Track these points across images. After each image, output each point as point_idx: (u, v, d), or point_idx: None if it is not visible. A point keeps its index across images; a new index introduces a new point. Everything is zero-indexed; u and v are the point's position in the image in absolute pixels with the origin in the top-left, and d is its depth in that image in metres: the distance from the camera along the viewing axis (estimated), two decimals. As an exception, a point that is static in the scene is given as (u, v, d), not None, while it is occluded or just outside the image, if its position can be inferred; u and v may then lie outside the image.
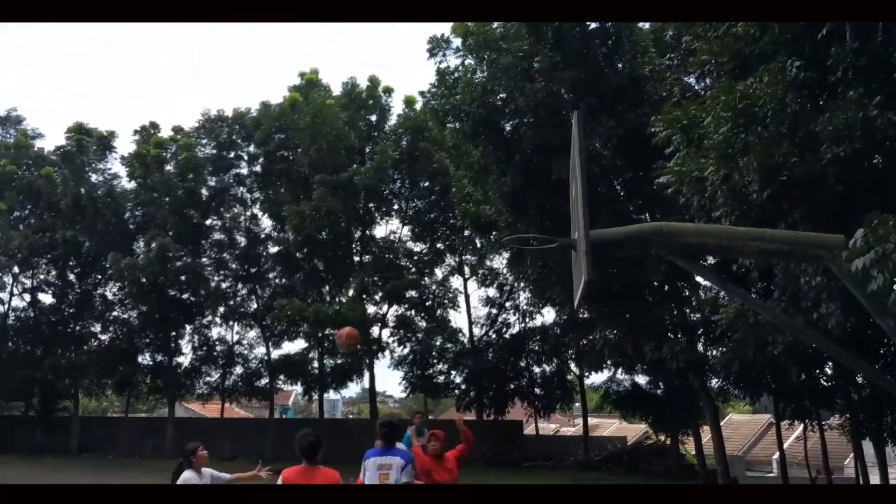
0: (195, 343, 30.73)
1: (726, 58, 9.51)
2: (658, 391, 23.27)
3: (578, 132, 7.06)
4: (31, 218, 31.25)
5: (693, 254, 7.90)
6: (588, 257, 6.49)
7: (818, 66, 8.06)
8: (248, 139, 29.96)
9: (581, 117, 7.27)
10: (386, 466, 5.79)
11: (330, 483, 4.96)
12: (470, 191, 19.19)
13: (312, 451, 5.14)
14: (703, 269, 10.37)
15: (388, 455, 5.88)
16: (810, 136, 8.18)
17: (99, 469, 22.83)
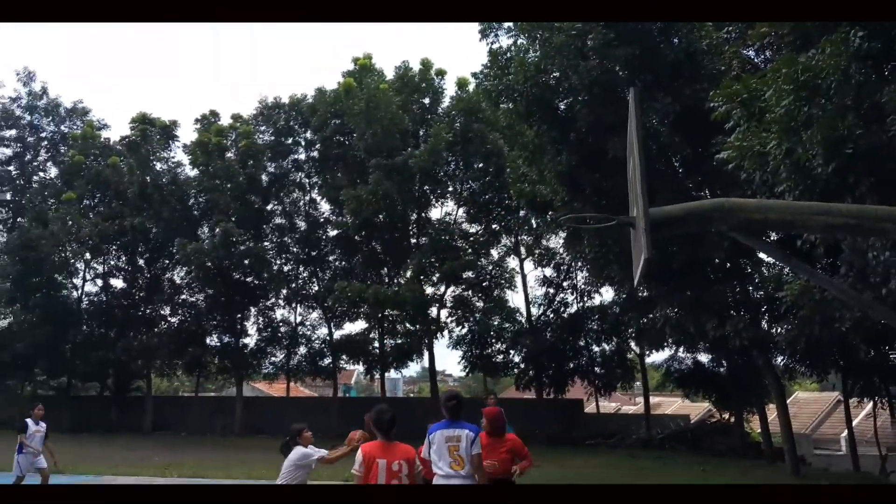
0: (260, 324, 31.71)
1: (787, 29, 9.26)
2: (721, 369, 22.91)
3: (635, 109, 7.01)
4: (100, 206, 32.52)
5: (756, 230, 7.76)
6: (647, 235, 6.46)
7: (883, 35, 7.79)
8: (304, 125, 30.46)
9: (637, 94, 7.20)
10: (455, 438, 5.81)
11: (408, 458, 5.08)
12: (525, 171, 19.10)
13: (391, 427, 5.27)
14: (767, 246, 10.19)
15: (455, 427, 5.88)
16: (875, 107, 7.93)
17: (172, 446, 23.69)
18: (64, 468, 15.23)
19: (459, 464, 5.68)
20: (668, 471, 17.20)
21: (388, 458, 4.97)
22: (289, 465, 7.05)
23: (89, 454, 19.91)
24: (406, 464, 4.98)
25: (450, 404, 6.02)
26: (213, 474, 15.73)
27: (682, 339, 19.81)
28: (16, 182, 35.84)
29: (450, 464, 5.72)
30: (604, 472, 16.56)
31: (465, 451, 5.73)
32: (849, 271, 9.94)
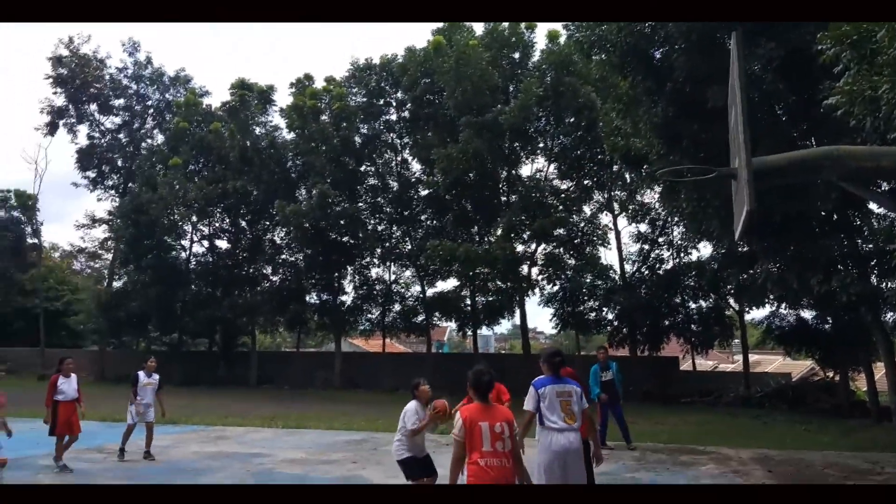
0: (356, 283, 32.81)
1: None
2: (826, 326, 21.98)
3: (737, 54, 6.80)
4: (204, 170, 34.06)
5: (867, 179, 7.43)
6: (750, 186, 6.33)
7: None
8: (395, 85, 30.68)
9: (739, 38, 6.96)
10: (566, 393, 5.95)
11: (509, 419, 4.98)
12: (618, 124, 18.65)
13: (489, 390, 5.18)
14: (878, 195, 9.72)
15: (564, 383, 6.03)
16: None
17: (276, 399, 24.93)
18: (177, 419, 16.45)
19: (572, 418, 5.84)
20: (768, 430, 16.86)
21: (490, 420, 4.90)
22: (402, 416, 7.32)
23: (200, 406, 21.14)
24: (507, 426, 4.90)
25: (555, 360, 6.12)
26: (316, 425, 16.51)
27: (784, 295, 19.08)
28: (126, 149, 37.92)
29: (563, 417, 5.86)
30: (700, 430, 16.38)
31: (576, 407, 5.91)
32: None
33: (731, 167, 7.08)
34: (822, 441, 14.70)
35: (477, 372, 5.24)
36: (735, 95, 6.94)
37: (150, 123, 38.67)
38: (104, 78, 37.42)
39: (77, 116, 37.63)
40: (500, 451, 4.80)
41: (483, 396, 5.12)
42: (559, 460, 5.72)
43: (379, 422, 16.76)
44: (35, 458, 10.81)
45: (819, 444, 14.06)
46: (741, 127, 6.56)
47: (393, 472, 10.30)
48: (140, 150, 37.70)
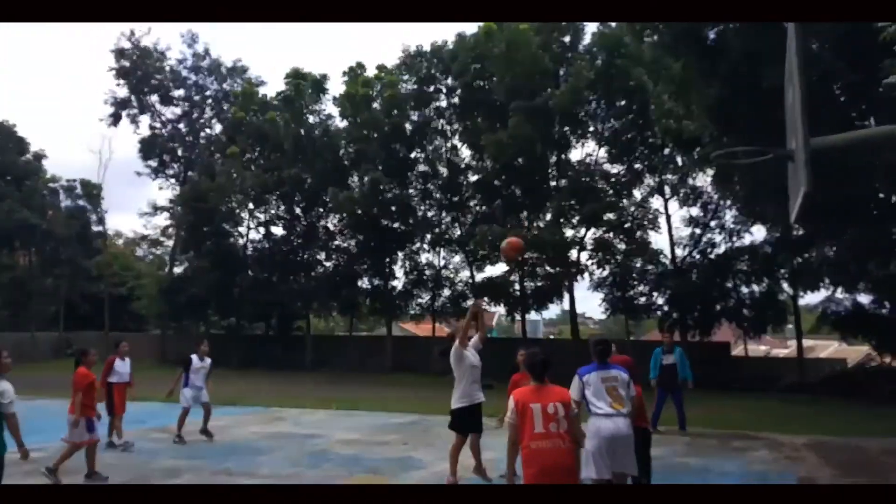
0: (407, 268, 33.24)
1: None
2: (883, 311, 21.56)
3: (795, 33, 6.82)
4: (259, 159, 34.75)
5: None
6: (808, 167, 6.34)
7: None
8: (445, 72, 30.74)
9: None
10: (612, 379, 5.99)
11: (564, 399, 4.97)
12: (670, 106, 18.56)
13: (543, 370, 5.15)
14: (941, 175, 9.59)
15: (610, 369, 6.08)
16: None
17: (331, 381, 25.47)
18: (236, 400, 17.09)
19: (620, 403, 5.87)
20: (823, 416, 16.59)
21: (543, 401, 4.85)
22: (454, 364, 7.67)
23: (258, 388, 21.89)
24: (562, 406, 4.84)
25: (598, 348, 6.19)
26: (369, 407, 16.91)
27: (840, 279, 18.86)
28: (185, 139, 39.01)
29: (609, 403, 5.87)
30: (753, 416, 16.28)
31: (624, 394, 5.94)
32: None
33: (787, 148, 7.11)
34: (878, 428, 14.49)
35: (531, 353, 5.34)
36: (792, 75, 6.96)
37: (209, 113, 39.55)
38: (164, 69, 38.39)
39: (139, 107, 38.67)
40: (553, 433, 4.74)
41: (538, 377, 5.12)
42: (608, 446, 5.71)
43: (430, 404, 16.96)
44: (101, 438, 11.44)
45: (875, 431, 13.86)
46: (799, 105, 6.58)
47: (443, 454, 10.65)
48: (199, 140, 38.73)
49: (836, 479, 9.16)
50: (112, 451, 10.38)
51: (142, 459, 9.89)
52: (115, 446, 10.58)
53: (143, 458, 10.03)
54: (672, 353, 13.11)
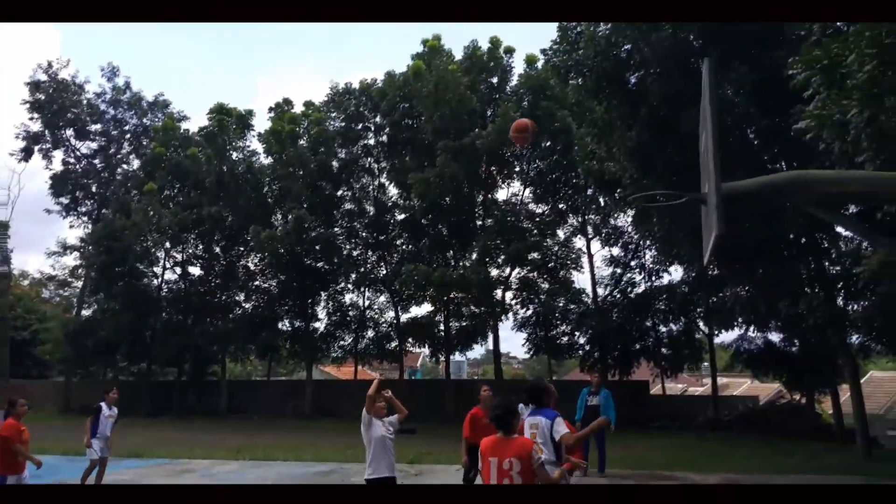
0: (330, 309, 32.60)
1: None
2: (793, 349, 22.41)
3: (709, 81, 7.02)
4: (179, 196, 33.78)
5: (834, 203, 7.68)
6: (719, 211, 6.49)
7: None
8: (374, 110, 30.75)
9: (711, 65, 7.20)
10: (534, 426, 5.99)
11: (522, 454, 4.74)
12: (593, 148, 18.97)
13: (501, 424, 4.93)
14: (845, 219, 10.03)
15: (536, 415, 6.04)
16: (965, 70, 7.66)
17: (246, 429, 24.54)
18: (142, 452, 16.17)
19: (539, 450, 5.75)
20: (735, 453, 17.00)
21: (500, 455, 4.72)
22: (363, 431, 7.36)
23: (167, 438, 20.77)
24: (518, 461, 4.66)
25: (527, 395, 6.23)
26: (284, 456, 16.22)
27: (752, 318, 19.47)
28: (101, 175, 37.58)
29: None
30: (670, 455, 16.48)
31: (541, 439, 5.86)
32: (933, 243, 9.68)
33: (701, 192, 7.26)
34: (788, 464, 14.87)
35: (494, 405, 5.17)
36: (706, 121, 7.17)
37: (127, 149, 38.35)
38: (82, 103, 37.16)
39: (53, 142, 37.23)
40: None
41: (501, 428, 4.94)
42: None
43: (348, 451, 16.28)
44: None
45: (785, 468, 14.21)
46: (711, 152, 6.76)
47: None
48: (115, 176, 37.42)
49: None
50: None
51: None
52: None
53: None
54: (598, 395, 13.06)
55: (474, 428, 8.32)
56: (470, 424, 8.34)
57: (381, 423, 7.38)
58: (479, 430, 8.21)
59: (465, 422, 8.37)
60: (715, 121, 7.01)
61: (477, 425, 8.32)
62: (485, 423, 8.26)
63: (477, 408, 8.46)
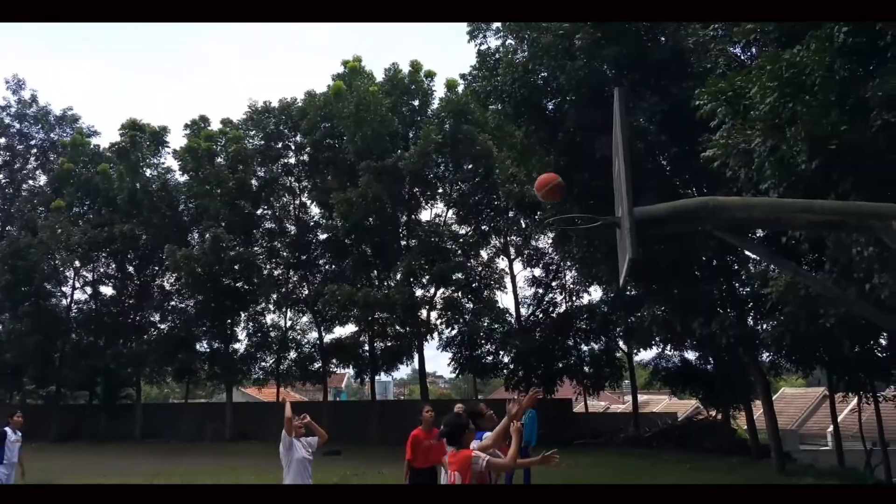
0: (250, 330, 31.76)
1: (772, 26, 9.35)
2: (708, 367, 23.17)
3: (619, 110, 7.10)
4: (89, 213, 32.41)
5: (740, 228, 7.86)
6: (632, 235, 6.55)
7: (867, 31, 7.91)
8: (294, 129, 30.44)
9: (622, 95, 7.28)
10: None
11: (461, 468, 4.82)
12: (513, 172, 19.23)
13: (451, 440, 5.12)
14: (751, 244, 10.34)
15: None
16: (860, 102, 8.02)
17: (162, 454, 23.65)
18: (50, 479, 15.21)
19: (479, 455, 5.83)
20: (656, 469, 17.35)
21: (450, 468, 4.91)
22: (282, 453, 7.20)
23: (78, 463, 19.91)
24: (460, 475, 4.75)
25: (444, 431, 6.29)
26: (203, 480, 15.73)
27: (669, 337, 20.06)
28: (5, 190, 35.82)
29: None
30: (592, 472, 16.66)
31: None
32: (833, 267, 10.08)
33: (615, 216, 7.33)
34: (705, 479, 15.25)
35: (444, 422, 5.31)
36: (618, 148, 7.24)
37: (33, 164, 36.66)
38: (-16, 118, 35.24)
39: (-47, 157, 35.20)
40: None
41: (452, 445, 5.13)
42: None
43: (269, 475, 15.96)
44: None
45: (704, 482, 14.56)
46: (624, 178, 6.81)
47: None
48: (21, 192, 35.58)
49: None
50: None
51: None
52: None
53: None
54: (524, 414, 12.96)
55: (416, 450, 8.10)
56: (412, 447, 8.12)
57: (301, 444, 7.21)
58: (421, 451, 8.15)
59: (407, 444, 8.14)
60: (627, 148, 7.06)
61: (419, 447, 8.12)
62: (427, 444, 8.19)
63: (418, 429, 8.24)
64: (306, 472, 7.19)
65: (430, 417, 8.41)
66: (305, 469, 7.16)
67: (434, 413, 9.00)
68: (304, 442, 7.29)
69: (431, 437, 8.30)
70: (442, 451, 8.40)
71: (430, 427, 8.35)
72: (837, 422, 20.79)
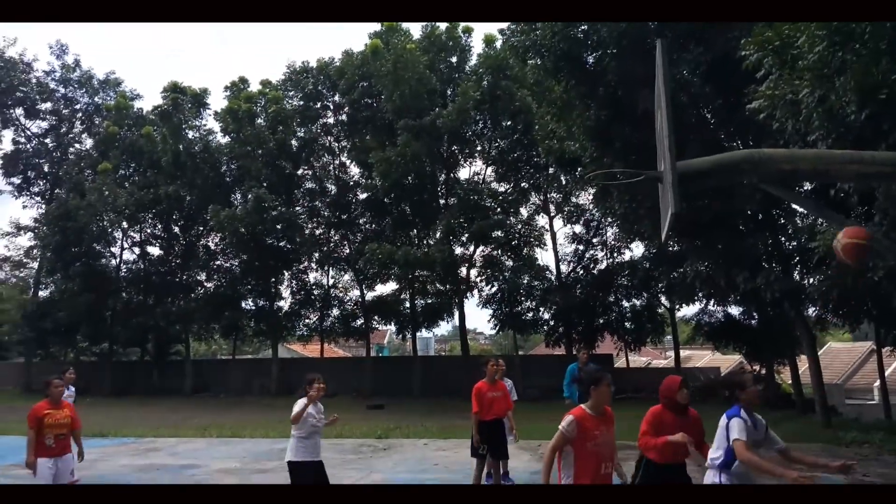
0: (294, 288, 32.44)
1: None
2: (752, 321, 22.90)
3: (662, 62, 7.00)
4: (135, 176, 33.09)
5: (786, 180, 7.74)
6: (675, 189, 6.52)
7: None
8: (333, 89, 30.43)
9: (665, 46, 7.17)
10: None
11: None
12: (553, 127, 18.99)
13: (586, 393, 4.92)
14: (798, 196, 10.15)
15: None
16: (911, 50, 7.76)
17: (211, 408, 24.45)
18: (107, 431, 15.98)
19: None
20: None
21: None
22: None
23: (131, 417, 20.63)
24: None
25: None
26: (251, 434, 16.19)
27: (712, 292, 19.80)
28: (52, 154, 36.60)
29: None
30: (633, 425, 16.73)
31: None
32: (882, 220, 9.86)
33: (657, 171, 7.27)
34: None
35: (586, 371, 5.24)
36: (660, 101, 7.16)
37: (79, 128, 37.38)
38: (31, 81, 35.99)
39: (2, 121, 36.16)
40: None
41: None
42: None
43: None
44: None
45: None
46: (666, 132, 6.76)
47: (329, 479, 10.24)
48: (68, 156, 36.41)
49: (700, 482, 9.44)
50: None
51: (-1, 499, 8.93)
52: None
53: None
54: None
55: (481, 402, 8.29)
56: (477, 399, 8.30)
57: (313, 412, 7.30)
58: (486, 403, 8.30)
59: (472, 396, 8.33)
60: (669, 101, 7.00)
61: (483, 399, 8.30)
62: (491, 396, 8.35)
63: (482, 381, 8.42)
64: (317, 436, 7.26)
65: (494, 370, 8.54)
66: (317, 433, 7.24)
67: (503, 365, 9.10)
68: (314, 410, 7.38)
69: (495, 389, 8.48)
70: (506, 404, 8.62)
71: (494, 380, 8.51)
72: (884, 376, 20.47)
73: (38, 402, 7.80)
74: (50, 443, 7.24)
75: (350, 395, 28.50)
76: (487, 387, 8.41)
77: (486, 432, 8.30)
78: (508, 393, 9.00)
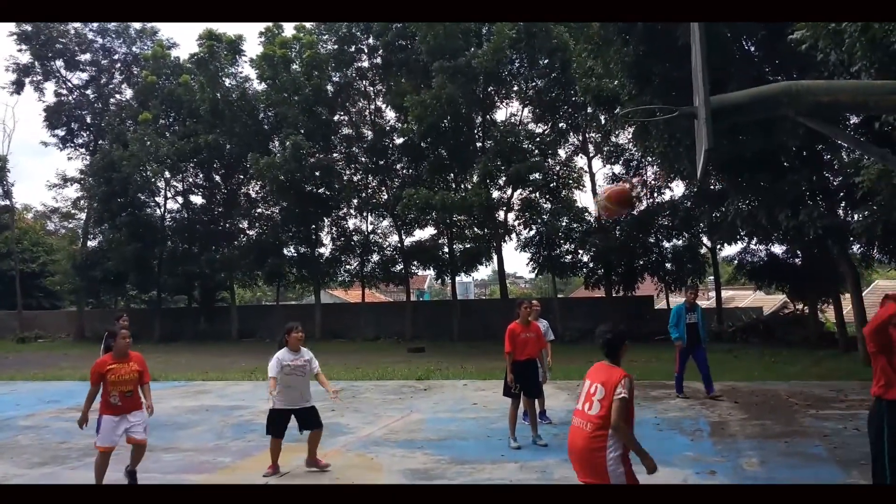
0: (334, 234, 32.89)
1: None
2: (796, 260, 22.50)
3: (697, -7, 6.79)
4: (175, 125, 33.48)
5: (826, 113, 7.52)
6: (708, 124, 6.42)
7: None
8: (366, 31, 30.07)
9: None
10: None
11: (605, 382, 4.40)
12: (591, 65, 18.54)
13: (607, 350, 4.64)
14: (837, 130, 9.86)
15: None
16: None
17: (256, 352, 25.05)
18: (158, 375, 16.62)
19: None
20: (739, 363, 17.37)
21: (592, 378, 4.54)
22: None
23: (180, 362, 21.40)
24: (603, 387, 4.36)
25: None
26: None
27: (754, 231, 19.43)
28: (94, 105, 37.15)
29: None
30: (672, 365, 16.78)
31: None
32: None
33: (692, 106, 7.14)
34: (790, 372, 15.22)
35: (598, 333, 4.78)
36: (695, 34, 6.98)
37: (118, 78, 37.78)
38: (69, 33, 36.36)
39: (43, 73, 36.80)
40: (585, 413, 4.42)
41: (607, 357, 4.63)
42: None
43: (358, 370, 17.10)
44: (16, 420, 11.04)
45: (787, 375, 14.55)
46: (700, 66, 6.62)
47: (370, 419, 10.60)
48: (109, 106, 36.94)
49: (745, 422, 9.53)
50: (26, 433, 10.09)
51: (57, 440, 9.56)
52: None
53: (59, 437, 9.71)
54: (694, 312, 12.27)
55: (513, 342, 8.48)
56: (510, 339, 8.49)
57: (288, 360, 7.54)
58: (519, 344, 8.48)
59: (505, 337, 8.53)
60: (703, 35, 6.83)
61: (516, 340, 8.48)
62: (524, 337, 8.52)
63: (515, 322, 8.58)
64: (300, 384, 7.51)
65: (527, 312, 8.67)
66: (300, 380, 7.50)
67: (537, 306, 9.34)
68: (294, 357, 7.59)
69: (528, 330, 8.62)
70: (538, 344, 8.78)
71: (528, 321, 8.66)
72: (933, 314, 20.05)
73: (92, 351, 7.91)
74: (115, 401, 6.65)
75: (391, 338, 29.06)
76: (520, 328, 8.54)
77: (519, 372, 8.46)
78: (542, 334, 9.14)
